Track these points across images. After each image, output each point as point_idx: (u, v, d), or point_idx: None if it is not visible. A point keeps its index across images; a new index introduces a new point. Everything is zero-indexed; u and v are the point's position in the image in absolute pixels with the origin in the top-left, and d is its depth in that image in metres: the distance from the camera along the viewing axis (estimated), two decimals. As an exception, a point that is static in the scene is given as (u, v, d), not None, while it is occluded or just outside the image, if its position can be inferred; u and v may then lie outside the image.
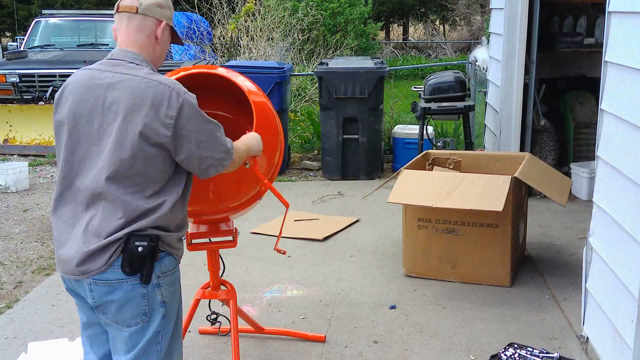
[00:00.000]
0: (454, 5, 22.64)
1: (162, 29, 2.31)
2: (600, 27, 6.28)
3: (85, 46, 10.35)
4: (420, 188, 4.03)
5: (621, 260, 2.82)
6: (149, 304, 2.17)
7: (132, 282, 2.14)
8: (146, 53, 2.28)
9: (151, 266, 2.14)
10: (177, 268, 2.28)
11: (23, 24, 19.86)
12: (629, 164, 2.75)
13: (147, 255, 2.12)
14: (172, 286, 2.25)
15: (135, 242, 2.11)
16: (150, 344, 2.20)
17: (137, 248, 2.10)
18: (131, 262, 2.11)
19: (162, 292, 2.20)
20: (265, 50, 9.74)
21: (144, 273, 2.13)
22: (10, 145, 8.34)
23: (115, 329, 2.21)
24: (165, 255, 2.20)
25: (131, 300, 2.15)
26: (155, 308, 2.19)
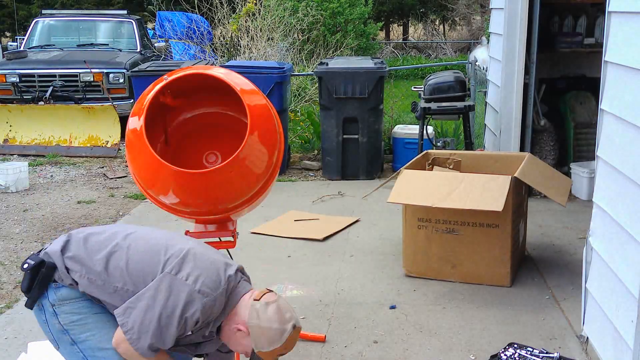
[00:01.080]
0: (454, 5, 22.63)
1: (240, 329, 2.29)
2: (600, 27, 6.28)
3: (85, 46, 10.36)
4: (420, 188, 4.03)
5: (621, 260, 2.82)
6: (51, 331, 2.19)
7: (36, 309, 2.21)
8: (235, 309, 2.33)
9: (38, 292, 2.15)
10: (81, 299, 2.22)
11: (23, 24, 19.87)
12: (629, 164, 2.75)
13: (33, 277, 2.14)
14: (73, 314, 2.20)
15: (28, 258, 2.17)
16: None
17: (23, 264, 2.16)
18: (23, 280, 2.17)
19: (59, 321, 2.18)
20: (265, 50, 9.74)
21: (31, 297, 2.17)
22: (10, 145, 8.34)
23: None
24: (64, 287, 2.19)
25: (41, 324, 2.21)
26: (60, 336, 2.19)
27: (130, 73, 7.25)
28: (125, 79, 9.11)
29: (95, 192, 6.58)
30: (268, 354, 2.19)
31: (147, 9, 18.39)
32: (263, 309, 2.18)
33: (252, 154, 2.76)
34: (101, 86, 9.03)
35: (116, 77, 9.18)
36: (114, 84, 9.15)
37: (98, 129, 8.26)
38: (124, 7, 18.77)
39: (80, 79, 9.11)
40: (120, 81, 9.17)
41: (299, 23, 11.25)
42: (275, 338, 2.16)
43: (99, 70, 9.08)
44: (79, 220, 5.66)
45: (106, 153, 8.14)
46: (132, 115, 2.93)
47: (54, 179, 7.17)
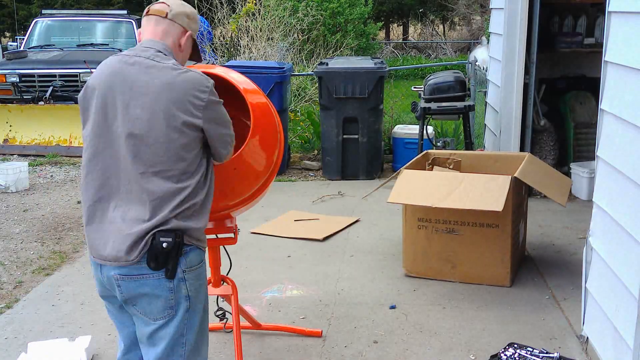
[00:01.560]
0: (453, 5, 22.64)
1: (186, 38, 2.39)
2: (600, 27, 6.28)
3: (85, 46, 10.36)
4: (420, 188, 4.03)
5: (621, 260, 2.82)
6: (175, 297, 2.21)
7: (158, 277, 2.18)
8: (171, 51, 2.35)
9: (176, 261, 2.17)
10: (202, 262, 2.31)
11: (23, 24, 19.88)
12: (629, 164, 2.75)
13: (172, 251, 2.15)
14: (197, 280, 2.27)
15: (160, 237, 2.14)
16: (176, 339, 2.25)
17: (161, 244, 2.14)
18: (156, 257, 2.15)
19: (187, 287, 2.22)
20: (265, 50, 9.74)
21: (169, 268, 2.17)
22: (10, 145, 8.34)
23: (142, 322, 2.25)
24: (191, 250, 2.23)
25: (160, 294, 2.19)
26: (181, 302, 2.22)
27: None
28: None
29: (95, 192, 6.58)
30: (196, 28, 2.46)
31: (147, 9, 18.35)
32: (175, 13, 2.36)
33: (253, 152, 2.77)
34: (101, 86, 9.01)
35: (116, 77, 9.17)
36: None
37: (98, 129, 8.25)
38: (124, 7, 18.77)
39: (80, 79, 9.10)
40: None
41: (299, 23, 11.24)
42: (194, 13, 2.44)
43: (99, 70, 9.07)
44: (79, 220, 5.66)
45: (106, 153, 8.13)
46: None
47: (54, 179, 7.18)
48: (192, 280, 2.25)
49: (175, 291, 2.20)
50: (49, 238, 5.22)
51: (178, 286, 2.21)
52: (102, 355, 3.38)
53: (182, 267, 2.21)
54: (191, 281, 2.24)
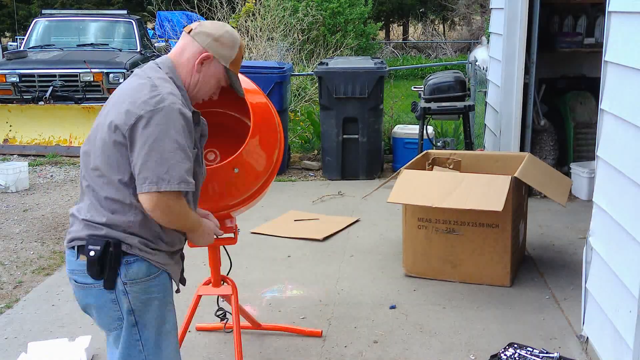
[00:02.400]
0: (453, 5, 22.64)
1: (202, 58, 2.24)
2: (600, 27, 6.28)
3: (85, 46, 10.36)
4: (420, 188, 4.03)
5: (621, 260, 2.82)
6: (121, 309, 2.13)
7: (99, 287, 2.11)
8: (181, 72, 2.25)
9: (113, 271, 2.08)
10: (153, 276, 2.16)
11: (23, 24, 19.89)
12: (629, 164, 2.75)
13: (103, 260, 2.07)
14: (144, 294, 2.14)
15: (88, 245, 2.07)
16: (131, 351, 2.17)
17: (89, 252, 2.07)
18: (90, 266, 2.08)
19: (129, 300, 2.12)
20: (265, 50, 9.74)
21: (105, 278, 2.08)
22: (10, 145, 8.34)
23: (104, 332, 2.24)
24: (136, 261, 2.12)
25: (103, 305, 2.13)
26: (124, 316, 2.14)
27: (131, 73, 7.25)
28: (125, 79, 9.09)
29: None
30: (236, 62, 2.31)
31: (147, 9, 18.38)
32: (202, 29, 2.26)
33: (253, 152, 2.78)
34: (101, 86, 9.03)
35: (116, 77, 9.18)
36: (114, 84, 9.15)
37: (98, 129, 8.25)
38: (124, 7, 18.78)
39: (80, 79, 9.11)
40: (120, 81, 9.16)
41: (299, 23, 11.25)
42: (233, 39, 2.28)
43: (99, 70, 9.08)
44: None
45: (106, 153, 8.13)
46: None
47: (54, 179, 7.18)
48: (135, 294, 2.12)
49: (119, 303, 2.12)
50: (49, 238, 5.22)
51: (119, 298, 2.11)
52: (102, 355, 3.38)
53: (122, 278, 2.10)
54: (134, 294, 2.12)
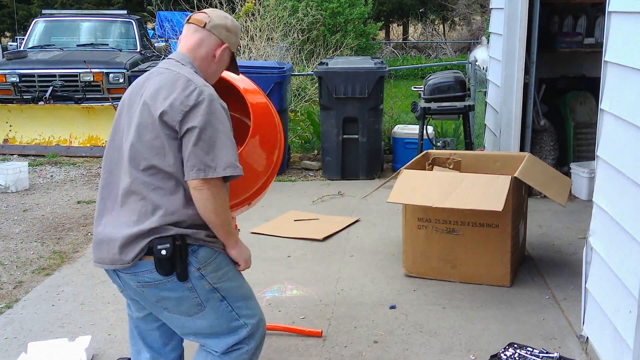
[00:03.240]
0: (453, 5, 22.65)
1: (222, 50, 2.41)
2: (600, 27, 6.28)
3: (85, 46, 10.37)
4: (420, 188, 4.03)
5: (621, 260, 2.82)
6: (199, 294, 2.24)
7: (174, 281, 2.20)
8: (200, 64, 2.38)
9: (184, 263, 2.18)
10: (217, 254, 2.30)
11: (23, 24, 19.89)
12: (629, 164, 2.75)
13: (174, 256, 2.17)
14: (217, 271, 2.28)
15: (157, 245, 2.15)
16: (230, 323, 2.33)
17: (160, 252, 2.15)
18: (160, 264, 2.17)
19: (208, 281, 2.25)
20: (265, 50, 9.74)
21: (178, 271, 2.18)
22: (10, 145, 8.35)
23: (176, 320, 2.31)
24: (199, 247, 2.23)
25: (182, 295, 2.23)
26: (208, 296, 2.26)
27: (130, 73, 7.26)
28: (125, 79, 9.11)
29: (95, 192, 6.58)
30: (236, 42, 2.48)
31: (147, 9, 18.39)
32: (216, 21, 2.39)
33: (253, 152, 2.78)
34: (101, 86, 9.03)
35: (116, 77, 9.19)
36: (114, 83, 9.16)
37: (98, 129, 8.26)
38: (124, 7, 18.78)
39: (80, 79, 9.11)
40: (120, 81, 9.17)
41: (299, 23, 11.24)
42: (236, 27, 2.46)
43: (99, 70, 9.08)
44: (79, 220, 5.66)
45: (106, 153, 8.13)
46: None
47: (54, 179, 7.18)
48: (211, 274, 2.26)
49: (196, 289, 2.23)
50: (49, 238, 5.22)
51: (196, 284, 2.23)
52: (102, 355, 3.38)
53: (194, 265, 2.22)
54: (210, 274, 2.25)
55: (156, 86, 2.24)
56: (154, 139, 2.18)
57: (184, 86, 2.20)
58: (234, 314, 2.33)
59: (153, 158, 2.19)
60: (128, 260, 2.18)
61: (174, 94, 2.19)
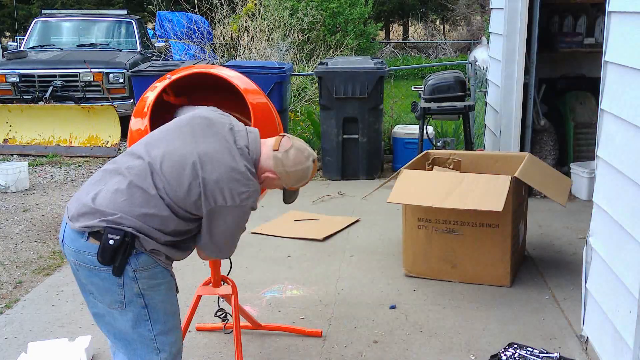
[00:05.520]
0: (454, 5, 22.65)
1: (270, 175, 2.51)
2: (600, 27, 6.28)
3: (85, 46, 10.36)
4: (420, 188, 4.03)
5: (621, 260, 2.82)
6: (125, 293, 2.27)
7: (108, 272, 2.24)
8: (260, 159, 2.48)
9: (124, 260, 2.22)
10: (157, 265, 2.32)
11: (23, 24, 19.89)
12: (629, 164, 2.75)
13: (119, 249, 2.20)
14: (151, 279, 2.30)
15: (108, 234, 2.20)
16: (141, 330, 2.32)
17: (108, 240, 2.19)
18: (103, 252, 2.21)
19: (138, 285, 2.27)
20: (265, 50, 9.74)
21: (115, 265, 2.22)
22: (10, 145, 8.35)
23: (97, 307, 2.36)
24: (142, 254, 2.27)
25: (109, 288, 2.26)
26: (132, 299, 2.28)
27: (130, 73, 7.25)
28: (125, 79, 9.11)
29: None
30: (296, 187, 2.57)
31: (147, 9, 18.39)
32: (285, 157, 2.44)
33: None
34: (101, 86, 9.03)
35: (116, 77, 9.18)
36: (114, 84, 9.16)
37: (98, 129, 8.26)
38: (124, 7, 18.78)
39: (80, 79, 9.11)
40: (120, 81, 9.17)
41: (299, 23, 11.24)
42: (302, 175, 2.50)
43: (99, 70, 9.08)
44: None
45: (106, 153, 8.14)
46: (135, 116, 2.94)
47: (54, 179, 7.18)
48: (144, 279, 2.28)
49: (124, 287, 2.26)
50: (49, 238, 5.22)
51: (127, 283, 2.26)
52: (102, 355, 3.38)
53: (132, 266, 2.25)
54: (143, 280, 2.28)
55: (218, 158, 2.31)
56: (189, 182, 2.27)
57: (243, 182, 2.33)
58: (150, 328, 2.32)
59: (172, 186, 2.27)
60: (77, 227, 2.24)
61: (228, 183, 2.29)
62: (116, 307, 2.29)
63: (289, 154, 2.44)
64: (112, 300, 2.28)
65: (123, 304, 2.28)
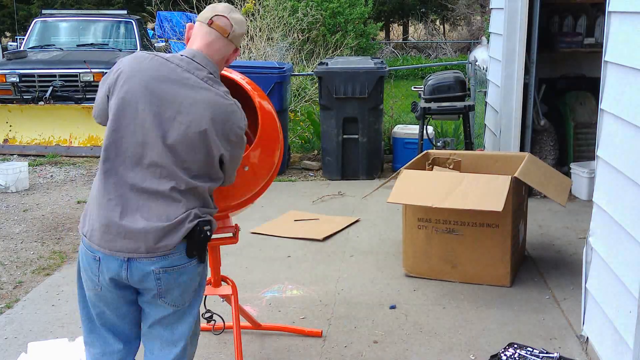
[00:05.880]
0: (454, 5, 22.65)
1: (235, 55, 2.50)
2: (600, 27, 6.28)
3: (85, 46, 10.36)
4: (420, 188, 4.03)
5: (621, 260, 2.82)
6: (200, 280, 2.37)
7: (194, 263, 2.29)
8: (218, 67, 2.43)
9: (206, 246, 2.32)
10: None
11: (23, 24, 19.89)
12: (629, 164, 2.75)
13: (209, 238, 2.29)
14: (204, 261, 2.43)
15: (203, 226, 2.25)
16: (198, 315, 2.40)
17: (206, 232, 2.25)
18: (199, 245, 2.26)
19: (205, 268, 2.40)
20: (265, 50, 9.74)
21: (202, 254, 2.30)
22: (10, 145, 8.34)
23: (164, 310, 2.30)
24: None
25: (193, 279, 2.32)
26: (203, 283, 2.41)
27: (130, 73, 7.24)
28: None
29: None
30: None
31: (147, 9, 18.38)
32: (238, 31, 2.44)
33: (256, 156, 2.78)
34: (101, 86, 9.01)
35: (116, 77, 9.17)
36: None
37: (98, 129, 8.25)
38: (124, 7, 18.78)
39: (80, 79, 9.11)
40: None
41: (299, 23, 11.24)
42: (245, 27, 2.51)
43: (99, 70, 9.08)
44: (78, 220, 5.66)
45: (106, 153, 8.13)
46: None
47: (54, 179, 7.18)
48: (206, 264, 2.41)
49: (201, 275, 2.36)
50: (49, 238, 5.22)
51: (203, 270, 2.37)
52: (102, 355, 3.38)
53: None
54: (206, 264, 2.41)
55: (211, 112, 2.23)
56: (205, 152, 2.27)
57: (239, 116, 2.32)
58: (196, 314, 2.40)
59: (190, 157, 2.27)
60: (172, 245, 2.20)
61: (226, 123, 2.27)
62: (191, 299, 2.33)
63: (236, 23, 2.41)
64: (191, 292, 2.32)
65: (196, 292, 2.35)
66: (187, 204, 2.22)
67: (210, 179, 2.29)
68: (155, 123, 2.18)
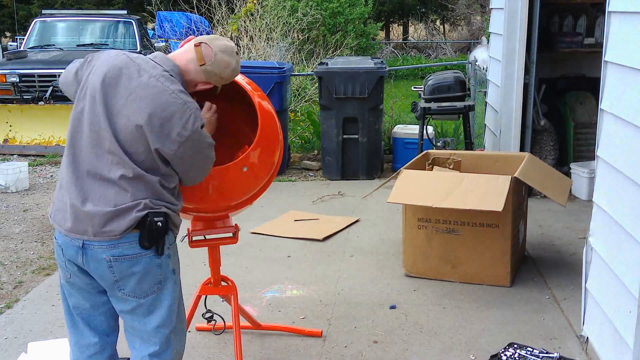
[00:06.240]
0: (454, 5, 22.65)
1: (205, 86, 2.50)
2: (600, 27, 6.28)
3: (85, 46, 10.36)
4: (420, 188, 4.03)
5: (621, 260, 2.82)
6: (164, 272, 2.37)
7: (150, 255, 2.31)
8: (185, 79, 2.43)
9: (163, 239, 2.33)
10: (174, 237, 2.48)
11: (23, 24, 19.90)
12: (629, 164, 2.75)
13: (163, 230, 2.30)
14: (175, 255, 2.47)
15: (154, 217, 2.28)
16: (171, 309, 2.41)
17: (156, 223, 2.28)
18: (150, 236, 2.28)
19: (171, 262, 2.41)
20: (265, 50, 9.74)
21: (159, 246, 2.32)
22: (10, 145, 8.35)
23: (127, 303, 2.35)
24: (170, 231, 2.40)
25: (150, 271, 2.33)
26: (168, 276, 2.40)
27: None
28: None
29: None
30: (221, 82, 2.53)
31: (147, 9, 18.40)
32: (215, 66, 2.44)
33: (256, 156, 2.78)
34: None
35: (116, 77, 9.17)
36: None
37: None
38: (124, 7, 18.78)
39: (80, 79, 9.10)
40: None
41: (299, 23, 11.25)
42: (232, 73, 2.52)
43: (99, 70, 9.06)
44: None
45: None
46: None
47: (54, 179, 7.18)
48: (174, 256, 2.43)
49: (162, 267, 2.36)
50: (49, 238, 5.22)
51: (164, 262, 2.37)
52: (102, 355, 3.38)
53: (166, 244, 2.36)
54: (173, 256, 2.43)
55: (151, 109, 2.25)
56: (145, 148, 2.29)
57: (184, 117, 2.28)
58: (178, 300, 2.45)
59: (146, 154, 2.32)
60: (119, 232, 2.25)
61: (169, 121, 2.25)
62: (154, 291, 2.35)
63: (217, 61, 2.42)
64: (151, 284, 2.34)
65: (161, 284, 2.36)
66: (136, 194, 2.26)
67: (159, 172, 2.31)
68: (107, 113, 2.27)
